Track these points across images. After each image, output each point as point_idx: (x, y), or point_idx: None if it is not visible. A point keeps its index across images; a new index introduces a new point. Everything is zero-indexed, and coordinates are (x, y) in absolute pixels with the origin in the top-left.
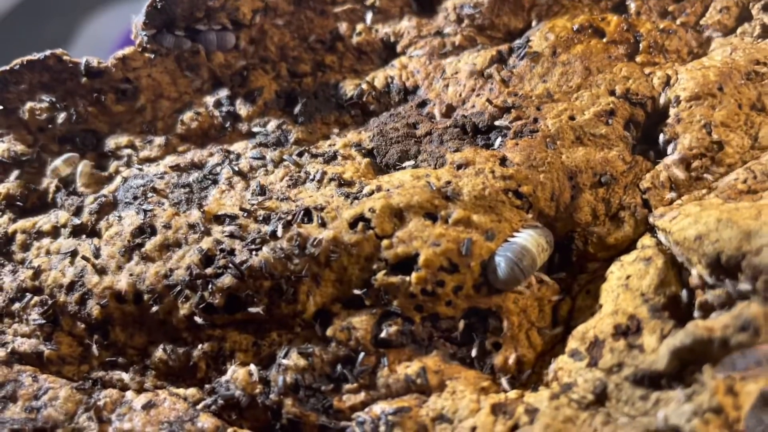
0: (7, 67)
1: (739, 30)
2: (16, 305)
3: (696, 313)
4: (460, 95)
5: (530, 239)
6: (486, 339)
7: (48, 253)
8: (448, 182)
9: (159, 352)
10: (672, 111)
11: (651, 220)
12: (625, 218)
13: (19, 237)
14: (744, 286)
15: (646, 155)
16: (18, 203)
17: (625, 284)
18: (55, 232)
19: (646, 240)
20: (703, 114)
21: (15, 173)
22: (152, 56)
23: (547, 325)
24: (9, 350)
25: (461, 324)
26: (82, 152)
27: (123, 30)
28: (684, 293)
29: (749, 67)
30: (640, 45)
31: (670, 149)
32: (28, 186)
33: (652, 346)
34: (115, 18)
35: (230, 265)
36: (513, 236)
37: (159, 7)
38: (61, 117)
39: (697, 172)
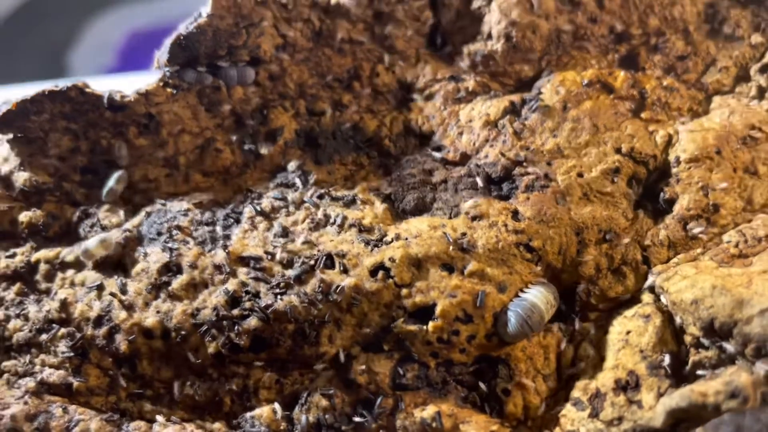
0: (28, 97)
1: (737, 89)
2: (44, 336)
3: (689, 370)
4: (474, 144)
5: (540, 296)
6: (496, 385)
7: (73, 284)
8: (464, 234)
9: (185, 387)
10: (672, 171)
11: (650, 277)
12: (626, 273)
13: (43, 267)
14: (734, 350)
15: (647, 211)
16: (40, 232)
17: (626, 339)
18: (79, 264)
19: (646, 296)
20: (701, 176)
21: (37, 202)
22: (174, 91)
23: (551, 372)
24: (38, 380)
25: (473, 369)
26: (103, 183)
27: (126, 32)
28: (679, 351)
29: (745, 131)
30: (645, 101)
31: (669, 208)
32: (50, 215)
33: (649, 404)
34: (118, 20)
35: (256, 308)
36: (524, 292)
37: (182, 44)
38: (83, 148)
39: (693, 233)
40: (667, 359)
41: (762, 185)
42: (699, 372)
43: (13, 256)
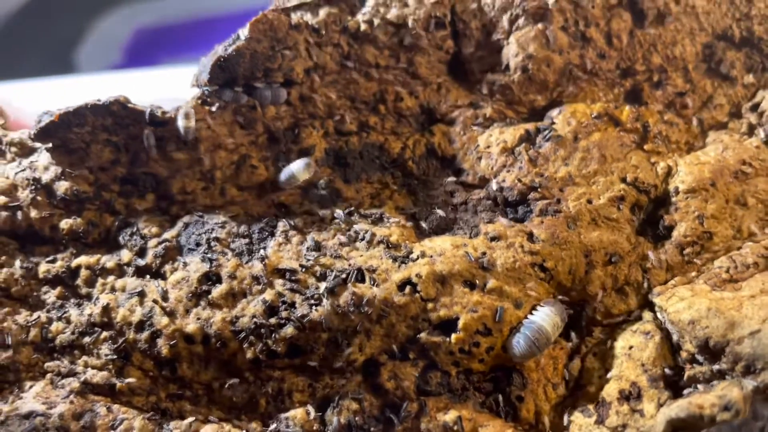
0: (71, 109)
1: (730, 125)
2: (86, 339)
3: (685, 383)
4: (492, 169)
5: (547, 319)
6: (511, 392)
7: (113, 290)
8: (484, 253)
9: (223, 390)
10: (672, 200)
11: (650, 297)
12: (629, 292)
13: (84, 272)
14: (726, 367)
15: (648, 236)
16: (80, 239)
17: (628, 354)
18: (119, 270)
19: (646, 314)
20: (698, 206)
21: (77, 210)
22: (212, 109)
23: (560, 381)
24: (82, 380)
25: (490, 377)
26: (142, 193)
27: (132, 29)
28: (676, 365)
29: (737, 166)
30: (648, 134)
31: (668, 234)
32: (90, 223)
33: (650, 413)
34: (125, 17)
35: (292, 317)
36: (534, 312)
37: (223, 66)
38: (123, 160)
39: (689, 257)
40: (666, 372)
41: (750, 216)
42: (694, 385)
43: (54, 261)
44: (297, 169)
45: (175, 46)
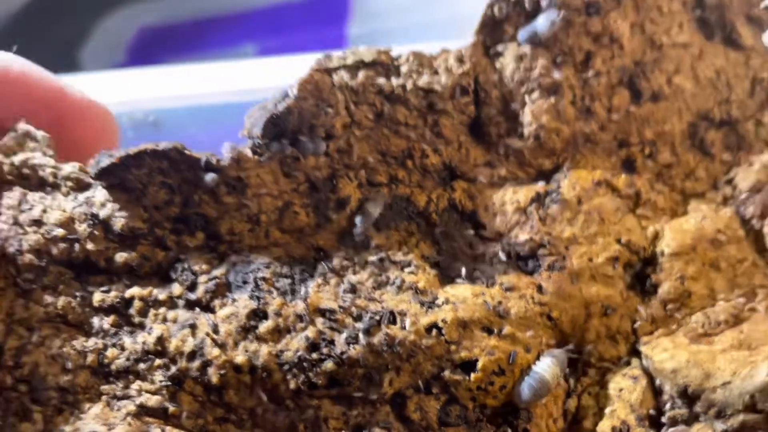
0: (132, 152)
1: (708, 195)
2: (141, 365)
3: (667, 423)
4: (507, 225)
5: (549, 370)
6: (518, 425)
7: (165, 320)
8: (500, 302)
9: (266, 416)
10: (658, 261)
11: (638, 346)
12: (619, 341)
13: (137, 303)
14: (700, 410)
15: (637, 292)
16: (133, 272)
17: (619, 395)
18: (171, 303)
19: (634, 361)
20: (680, 268)
21: (131, 245)
22: (261, 159)
23: (559, 416)
24: (137, 404)
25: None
26: (192, 232)
27: (136, 28)
28: (659, 406)
29: (713, 234)
30: (640, 201)
31: (654, 291)
32: (143, 257)
33: None
34: (129, 17)
35: (332, 354)
36: (537, 362)
37: (274, 122)
38: (176, 200)
39: (671, 312)
40: (650, 413)
41: (722, 278)
42: (674, 425)
43: (108, 291)
44: None
45: (179, 46)
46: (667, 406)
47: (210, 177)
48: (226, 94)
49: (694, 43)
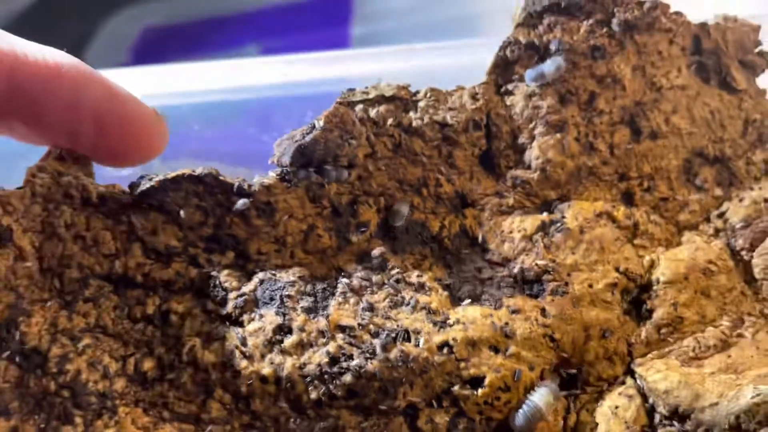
0: (170, 176)
1: (700, 228)
2: (173, 374)
3: None
4: (514, 251)
5: (543, 399)
6: None
7: (197, 333)
8: (506, 323)
9: (288, 423)
10: (653, 288)
11: (633, 367)
12: (616, 361)
13: (172, 316)
14: (690, 429)
15: (632, 317)
16: (168, 287)
17: (615, 412)
18: (203, 316)
19: (629, 380)
20: (673, 295)
21: (166, 262)
22: (288, 185)
23: (558, 430)
24: (170, 410)
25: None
26: (223, 251)
27: (140, 29)
28: (651, 424)
29: (705, 264)
30: (637, 231)
31: (649, 316)
32: (177, 273)
33: None
34: (133, 17)
35: (351, 368)
36: (533, 392)
37: (302, 151)
38: (210, 222)
39: (664, 336)
40: (644, 430)
41: (712, 305)
42: None
43: (144, 304)
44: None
45: (184, 46)
46: (659, 424)
47: (242, 202)
48: (229, 91)
49: (691, 85)
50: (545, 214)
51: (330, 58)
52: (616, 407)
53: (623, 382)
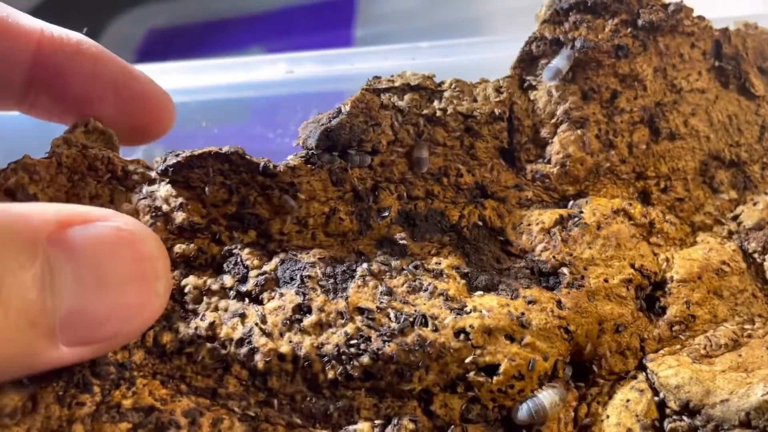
0: (196, 153)
1: (714, 229)
2: (192, 347)
3: None
4: (532, 243)
5: (549, 398)
6: (532, 427)
7: (217, 309)
8: (522, 313)
9: (304, 402)
10: (667, 286)
11: (645, 362)
12: (628, 356)
13: (192, 291)
14: (699, 424)
15: (646, 313)
16: (190, 262)
17: (626, 405)
18: (222, 293)
19: (641, 375)
20: (686, 294)
21: (189, 237)
22: (312, 167)
23: (570, 421)
24: (187, 383)
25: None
26: (245, 229)
27: (144, 30)
28: (662, 418)
29: (718, 265)
30: (653, 230)
31: (662, 313)
32: (199, 249)
33: None
34: (138, 18)
35: (369, 349)
36: (540, 390)
37: (328, 135)
38: (234, 200)
39: (676, 333)
40: (654, 423)
41: (724, 305)
42: None
43: None
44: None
45: (188, 47)
46: (669, 418)
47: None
48: (236, 88)
49: (710, 89)
50: (563, 208)
51: (334, 56)
52: (628, 400)
53: (635, 377)
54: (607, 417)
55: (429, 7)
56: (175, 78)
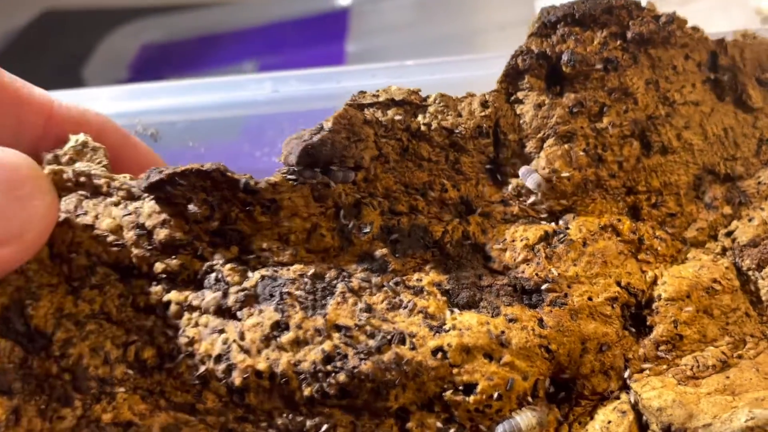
0: (178, 170)
1: (707, 245)
2: (172, 363)
3: None
4: (515, 260)
5: (526, 421)
6: None
7: (197, 324)
8: (503, 332)
9: (281, 419)
10: (654, 304)
11: (628, 382)
12: (612, 376)
13: (173, 307)
14: None
15: (631, 332)
16: (171, 278)
17: (607, 427)
18: (203, 309)
19: (623, 396)
20: (674, 313)
21: (171, 253)
22: (294, 183)
23: None
24: (166, 398)
25: None
26: (227, 246)
27: (138, 45)
28: None
29: (708, 283)
30: (642, 246)
31: (648, 332)
32: (181, 265)
33: None
34: (131, 34)
35: (345, 367)
36: (519, 411)
37: (309, 152)
38: (216, 216)
39: (662, 353)
40: None
41: (714, 325)
42: None
43: (148, 294)
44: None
45: (181, 63)
46: None
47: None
48: (223, 107)
49: (705, 101)
50: (549, 224)
51: (323, 75)
52: (609, 422)
53: (618, 397)
54: None
55: (422, 21)
56: (162, 99)
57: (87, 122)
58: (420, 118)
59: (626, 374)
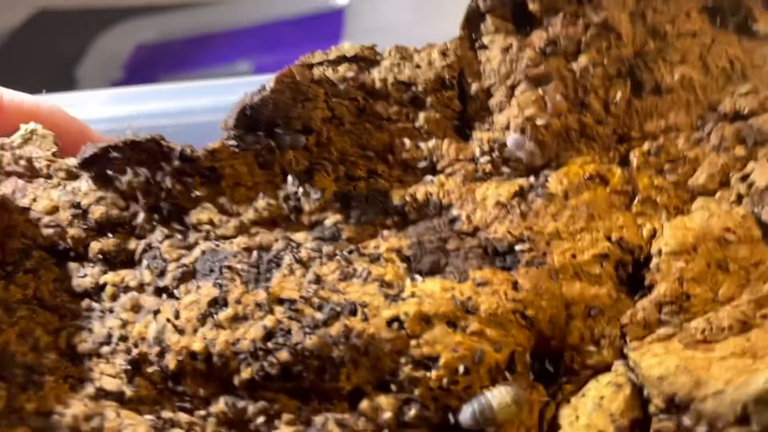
0: (113, 144)
1: (717, 194)
2: (105, 348)
3: None
4: (486, 220)
5: (498, 397)
6: (486, 430)
7: (133, 306)
8: (469, 297)
9: (220, 405)
10: (654, 261)
11: (625, 351)
12: (605, 345)
13: (109, 289)
14: (689, 423)
15: (628, 293)
16: (108, 258)
17: (599, 403)
18: (140, 289)
19: (620, 367)
20: (679, 269)
21: (107, 233)
22: (235, 150)
23: (534, 424)
24: (96, 387)
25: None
26: (167, 221)
27: (132, 46)
28: (645, 418)
29: (720, 233)
30: (636, 197)
31: (648, 293)
32: (118, 245)
33: None
34: (125, 34)
35: (287, 343)
36: (491, 388)
37: (248, 113)
38: (153, 191)
39: (666, 316)
40: (632, 424)
41: (731, 281)
42: None
43: (84, 276)
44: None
45: (176, 62)
46: (656, 417)
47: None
48: (216, 111)
49: (704, 31)
50: (525, 179)
51: None
52: (601, 398)
53: (613, 369)
54: (576, 418)
55: (417, 20)
56: (153, 103)
57: (38, 113)
58: (375, 73)
59: (622, 342)
